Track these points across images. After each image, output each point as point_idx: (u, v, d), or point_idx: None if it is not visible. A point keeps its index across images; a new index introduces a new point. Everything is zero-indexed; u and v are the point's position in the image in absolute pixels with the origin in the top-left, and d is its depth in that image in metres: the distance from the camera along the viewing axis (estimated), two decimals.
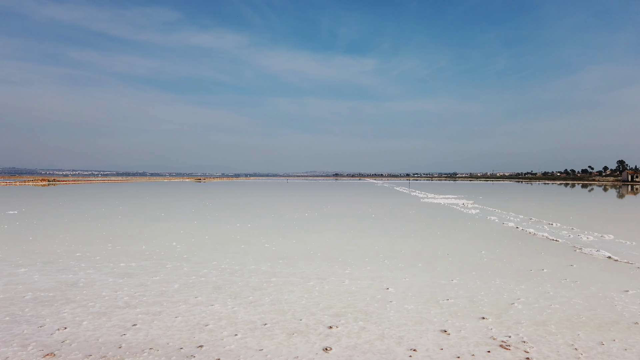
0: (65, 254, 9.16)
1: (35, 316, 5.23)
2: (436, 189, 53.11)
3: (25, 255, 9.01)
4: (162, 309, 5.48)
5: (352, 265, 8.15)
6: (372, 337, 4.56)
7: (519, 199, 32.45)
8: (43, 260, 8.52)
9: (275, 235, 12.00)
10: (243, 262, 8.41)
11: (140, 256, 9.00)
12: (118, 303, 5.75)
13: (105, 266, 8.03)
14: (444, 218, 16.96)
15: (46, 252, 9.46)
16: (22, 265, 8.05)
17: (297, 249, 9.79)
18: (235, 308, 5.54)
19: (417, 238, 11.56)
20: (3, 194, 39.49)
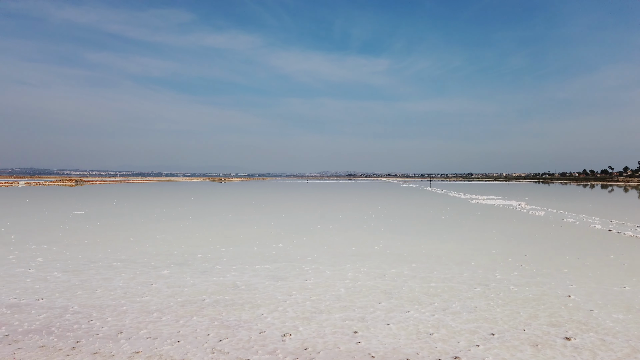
0: (189, 255, 9.15)
1: (243, 320, 5.17)
2: (469, 190, 52.54)
3: (152, 257, 9.02)
4: (364, 315, 5.38)
5: (512, 284, 7.97)
6: None
7: (564, 199, 31.89)
8: (177, 262, 8.51)
9: (380, 239, 11.87)
10: (378, 264, 8.30)
11: (269, 258, 8.94)
12: (307, 307, 5.67)
13: (245, 268, 7.97)
14: (519, 221, 16.63)
15: (166, 253, 9.46)
16: (161, 267, 8.04)
17: (437, 255, 9.64)
18: None
19: (518, 245, 11.32)
20: (41, 194, 40.05)
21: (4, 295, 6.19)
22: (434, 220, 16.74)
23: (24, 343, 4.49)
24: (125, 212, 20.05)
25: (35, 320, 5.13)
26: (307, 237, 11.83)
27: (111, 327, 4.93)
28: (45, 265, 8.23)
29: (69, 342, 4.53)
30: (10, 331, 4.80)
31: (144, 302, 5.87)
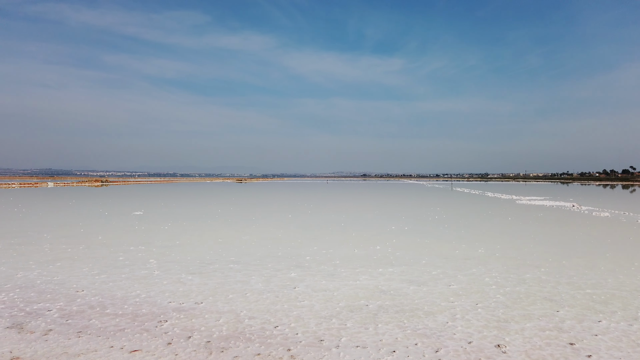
0: (297, 257, 8.94)
1: (432, 328, 4.92)
2: (502, 190, 51.74)
3: (262, 258, 8.83)
4: None
5: None
6: None
7: (607, 199, 31.09)
8: (293, 264, 8.31)
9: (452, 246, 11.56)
10: (478, 273, 8.00)
11: (382, 261, 8.69)
12: (489, 314, 5.40)
13: (369, 271, 7.73)
14: (600, 226, 16.13)
15: (272, 254, 9.27)
16: (283, 269, 7.85)
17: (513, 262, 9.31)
18: None
19: (616, 256, 10.90)
20: (77, 195, 40.40)
21: (160, 298, 6.04)
22: (511, 226, 16.34)
23: (235, 351, 4.29)
24: (182, 212, 20.01)
25: (218, 326, 4.95)
26: (397, 240, 11.57)
27: (308, 336, 4.71)
28: (164, 266, 8.09)
29: (279, 350, 4.32)
30: (209, 338, 4.62)
31: (309, 307, 5.65)
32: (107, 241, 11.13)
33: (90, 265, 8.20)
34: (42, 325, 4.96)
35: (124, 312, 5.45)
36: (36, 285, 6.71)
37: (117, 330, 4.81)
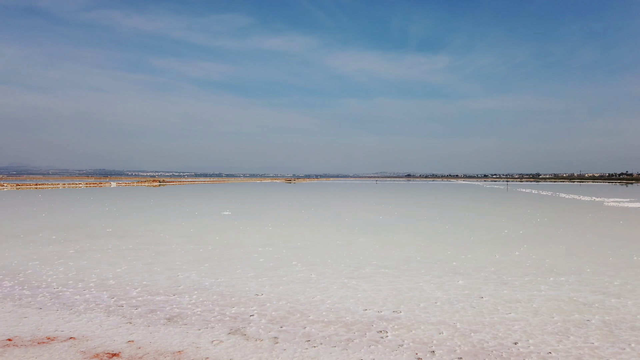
0: (435, 262, 8.46)
1: None
2: (573, 191, 49.05)
3: (404, 262, 8.41)
4: None
5: None
6: None
7: None
8: (448, 270, 7.83)
9: None
10: None
11: (533, 268, 8.05)
12: None
13: (538, 280, 7.13)
14: None
15: (408, 258, 8.83)
16: (440, 275, 7.38)
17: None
18: None
19: None
20: (144, 194, 41.63)
21: (350, 305, 5.72)
22: (631, 231, 15.16)
23: None
24: (267, 213, 20.03)
25: (445, 340, 4.55)
26: (541, 246, 10.86)
27: (539, 349, 4.22)
28: (317, 270, 7.82)
29: None
30: (451, 354, 4.22)
31: (518, 320, 5.15)
32: (227, 241, 11.08)
33: (239, 266, 8.07)
34: (261, 332, 4.74)
35: (328, 319, 5.16)
36: (208, 288, 6.59)
37: (344, 340, 4.51)
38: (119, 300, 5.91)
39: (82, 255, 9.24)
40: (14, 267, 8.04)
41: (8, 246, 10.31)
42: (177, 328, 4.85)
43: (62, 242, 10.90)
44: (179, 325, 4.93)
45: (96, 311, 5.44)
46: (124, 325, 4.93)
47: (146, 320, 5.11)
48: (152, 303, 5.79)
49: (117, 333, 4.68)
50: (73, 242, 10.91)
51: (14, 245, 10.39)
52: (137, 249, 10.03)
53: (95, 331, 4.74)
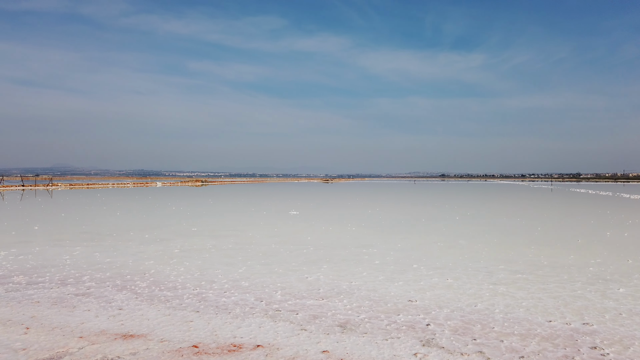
0: (540, 266, 7.80)
1: None
2: (629, 192, 46.51)
3: (511, 263, 7.80)
4: None
5: None
6: None
7: None
8: (563, 275, 7.18)
9: None
10: None
11: None
12: None
13: None
14: None
15: (509, 259, 8.20)
16: (575, 281, 6.75)
17: None
18: None
19: None
20: (193, 194, 42.09)
21: (521, 314, 5.21)
22: None
23: None
24: (332, 212, 19.68)
25: None
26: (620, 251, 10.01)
27: None
28: (448, 274, 7.34)
29: None
30: None
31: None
32: (323, 242, 10.74)
33: (359, 268, 7.68)
34: (457, 344, 4.30)
35: (518, 331, 4.67)
36: (349, 291, 6.22)
37: (561, 357, 4.01)
38: (270, 304, 5.60)
39: (191, 254, 9.09)
40: (134, 266, 7.93)
41: (112, 245, 10.32)
42: (361, 337, 4.47)
43: (160, 242, 10.84)
44: (359, 334, 4.55)
45: (258, 316, 5.14)
46: (301, 332, 4.60)
47: (319, 327, 4.76)
48: (308, 308, 5.46)
49: (302, 341, 4.34)
50: (170, 241, 10.83)
51: (116, 245, 10.39)
52: (240, 249, 9.82)
53: (277, 339, 4.41)
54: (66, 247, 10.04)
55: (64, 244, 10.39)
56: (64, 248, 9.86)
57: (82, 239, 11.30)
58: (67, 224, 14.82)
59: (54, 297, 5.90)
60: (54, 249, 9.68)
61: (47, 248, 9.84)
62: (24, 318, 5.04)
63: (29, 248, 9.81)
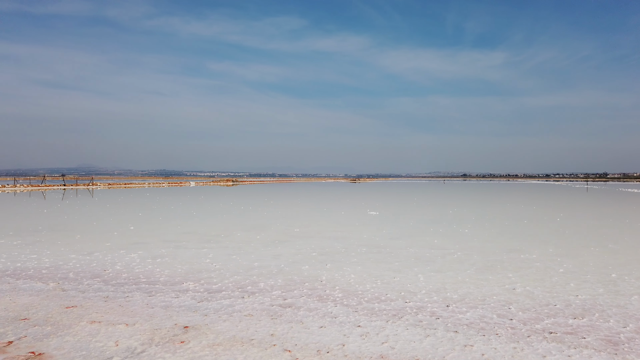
0: None
1: None
2: None
3: None
4: None
5: None
6: None
7: None
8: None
9: None
10: None
11: None
12: None
13: None
14: None
15: None
16: None
17: None
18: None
19: None
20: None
21: None
22: None
23: None
24: (413, 212, 18.76)
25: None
26: None
27: None
28: (604, 278, 6.35)
29: None
30: None
31: None
32: (455, 245, 9.84)
33: (509, 274, 6.74)
34: None
35: None
36: (537, 301, 5.30)
37: None
38: (487, 316, 4.72)
39: (332, 257, 8.30)
40: (287, 270, 7.16)
41: (238, 246, 9.61)
42: None
43: (283, 244, 10.11)
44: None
45: (504, 334, 4.26)
46: (569, 350, 3.72)
47: (575, 343, 3.87)
48: (530, 321, 4.56)
49: None
50: (288, 243, 10.10)
51: (242, 246, 9.70)
52: (369, 251, 8.98)
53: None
54: (191, 249, 9.36)
55: (187, 246, 9.72)
56: (191, 250, 9.19)
57: (196, 239, 10.64)
58: (160, 223, 14.26)
59: (265, 309, 5.13)
60: (184, 251, 9.01)
61: (173, 250, 9.18)
62: (265, 337, 4.28)
63: (154, 249, 9.16)
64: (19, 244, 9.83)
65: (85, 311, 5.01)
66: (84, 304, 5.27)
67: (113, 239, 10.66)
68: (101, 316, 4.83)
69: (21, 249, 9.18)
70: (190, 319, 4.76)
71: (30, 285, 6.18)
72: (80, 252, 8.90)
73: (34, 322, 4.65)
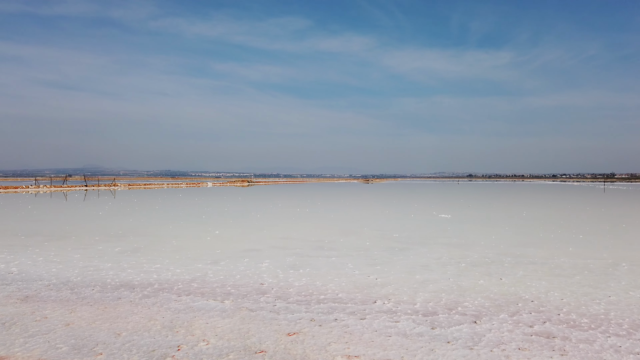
0: None
1: None
2: None
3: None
4: None
5: None
6: None
7: None
8: None
9: None
10: None
11: None
12: None
13: None
14: None
15: None
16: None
17: None
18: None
19: None
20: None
21: None
22: None
23: None
24: (492, 214, 17.86)
25: None
26: None
27: None
28: None
29: None
30: None
31: None
32: (549, 252, 8.94)
33: None
34: None
35: None
36: None
37: None
38: None
39: (509, 271, 7.42)
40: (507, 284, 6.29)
41: (346, 254, 8.76)
42: None
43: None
44: None
45: None
46: None
47: None
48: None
49: None
50: (411, 250, 9.23)
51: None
52: (530, 263, 8.10)
53: None
54: (332, 257, 8.51)
55: (302, 254, 8.88)
56: (291, 257, 8.33)
57: (310, 246, 9.80)
58: (252, 229, 13.44)
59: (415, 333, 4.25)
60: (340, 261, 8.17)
61: (277, 256, 8.34)
62: None
63: (282, 257, 8.32)
64: (120, 251, 9.02)
65: (315, 340, 4.14)
66: (304, 330, 4.41)
67: (229, 247, 9.83)
68: (348, 348, 3.95)
69: (130, 257, 8.35)
70: None
71: (205, 304, 5.32)
72: (212, 261, 8.07)
73: (272, 354, 3.79)
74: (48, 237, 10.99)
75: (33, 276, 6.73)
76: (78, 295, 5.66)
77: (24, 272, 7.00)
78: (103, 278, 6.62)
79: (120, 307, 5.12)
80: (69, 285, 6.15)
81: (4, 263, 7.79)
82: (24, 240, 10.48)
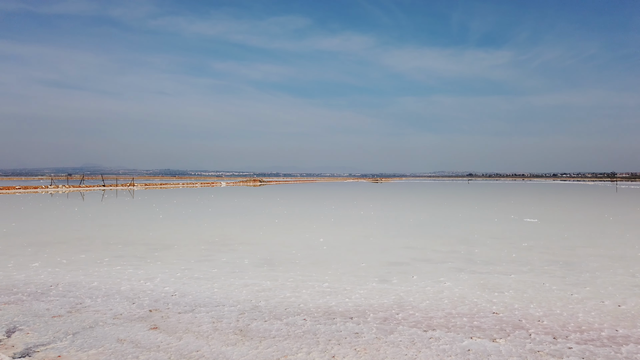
0: None
1: None
2: None
3: None
4: None
5: None
6: None
7: None
8: None
9: None
10: None
11: None
12: None
13: None
14: None
15: None
16: None
17: None
18: None
19: None
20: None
21: None
22: None
23: None
24: (585, 220, 16.98)
25: None
26: None
27: None
28: None
29: None
30: None
31: None
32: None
33: None
34: None
35: None
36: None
37: None
38: None
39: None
40: None
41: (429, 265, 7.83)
42: None
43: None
44: None
45: None
46: None
47: None
48: None
49: None
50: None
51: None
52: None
53: None
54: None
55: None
56: None
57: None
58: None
59: None
60: None
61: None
62: None
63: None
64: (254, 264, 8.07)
65: None
66: None
67: (373, 260, 8.90)
68: None
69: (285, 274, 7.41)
70: None
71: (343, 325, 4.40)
72: (396, 282, 7.14)
73: None
74: (153, 248, 10.08)
75: (219, 300, 5.79)
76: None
77: (187, 295, 6.08)
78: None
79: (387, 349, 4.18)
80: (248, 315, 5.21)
81: (167, 285, 6.85)
82: (133, 251, 9.57)
